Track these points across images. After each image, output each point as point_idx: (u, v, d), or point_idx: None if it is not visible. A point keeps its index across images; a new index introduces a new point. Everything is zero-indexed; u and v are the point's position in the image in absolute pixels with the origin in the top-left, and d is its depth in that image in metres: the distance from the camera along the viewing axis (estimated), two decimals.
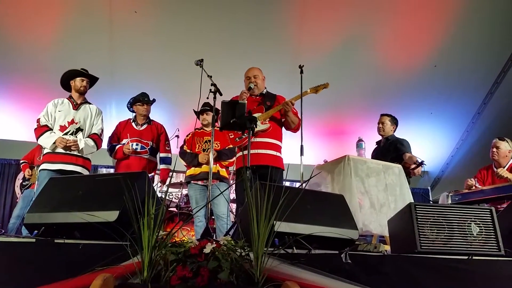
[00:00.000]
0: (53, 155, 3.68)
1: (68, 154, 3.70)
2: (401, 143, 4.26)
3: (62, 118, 3.77)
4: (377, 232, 3.23)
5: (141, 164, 4.04)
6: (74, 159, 3.71)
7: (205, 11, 5.47)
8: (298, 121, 3.52)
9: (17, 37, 5.51)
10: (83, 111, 3.87)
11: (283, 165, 3.50)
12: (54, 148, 3.68)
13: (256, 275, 1.54)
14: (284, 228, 1.86)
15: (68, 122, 3.77)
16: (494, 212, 2.20)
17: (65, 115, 3.79)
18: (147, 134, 4.18)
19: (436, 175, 7.85)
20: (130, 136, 4.11)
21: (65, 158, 3.68)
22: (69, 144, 3.66)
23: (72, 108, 3.83)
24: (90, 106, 3.94)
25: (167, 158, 4.30)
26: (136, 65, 5.95)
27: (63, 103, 3.84)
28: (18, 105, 6.25)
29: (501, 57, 5.99)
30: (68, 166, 3.67)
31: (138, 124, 4.22)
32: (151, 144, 4.16)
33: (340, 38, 5.87)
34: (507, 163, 4.07)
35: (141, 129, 4.19)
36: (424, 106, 6.68)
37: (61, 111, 3.79)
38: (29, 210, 2.14)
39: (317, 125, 6.66)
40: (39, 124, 3.75)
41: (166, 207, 4.34)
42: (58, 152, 3.68)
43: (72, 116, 3.80)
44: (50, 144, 3.66)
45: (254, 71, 3.62)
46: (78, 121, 3.81)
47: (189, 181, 4.13)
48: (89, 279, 1.46)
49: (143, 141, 4.12)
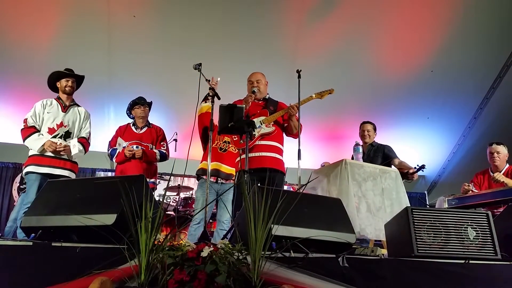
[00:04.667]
0: (41, 158, 3.61)
1: (57, 158, 3.65)
2: (388, 150, 4.34)
3: (51, 120, 3.72)
4: (373, 236, 3.24)
5: (142, 168, 4.02)
6: (63, 163, 3.67)
7: (203, 15, 5.49)
8: (300, 127, 3.55)
9: (15, 40, 5.51)
10: (72, 114, 3.83)
11: (285, 169, 3.52)
12: (41, 151, 3.61)
13: (254, 278, 1.54)
14: (282, 232, 1.86)
15: (57, 124, 3.72)
16: (491, 216, 2.20)
17: (54, 117, 3.73)
18: (147, 137, 4.17)
19: (433, 179, 7.87)
20: (130, 139, 4.10)
21: (53, 162, 3.63)
22: (59, 149, 3.61)
23: (61, 110, 3.79)
24: (78, 109, 3.90)
25: (162, 152, 4.22)
26: (134, 69, 5.96)
27: (52, 105, 3.79)
28: (15, 108, 6.23)
29: (498, 62, 6.03)
30: (56, 170, 3.62)
31: (138, 127, 4.21)
32: (151, 147, 4.14)
33: (338, 43, 5.90)
34: (504, 167, 4.11)
35: (141, 132, 4.18)
36: (421, 110, 6.71)
37: (50, 112, 3.74)
38: (26, 213, 2.13)
39: (314, 130, 6.67)
40: (26, 124, 3.67)
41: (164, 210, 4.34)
42: (46, 155, 3.62)
43: (61, 118, 3.75)
44: (38, 147, 3.59)
45: (257, 75, 3.66)
46: (67, 124, 3.77)
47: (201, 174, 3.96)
48: (87, 283, 1.46)
49: (143, 144, 4.10)
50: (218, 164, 3.88)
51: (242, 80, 3.87)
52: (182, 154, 5.45)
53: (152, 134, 4.22)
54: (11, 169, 6.69)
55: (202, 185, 3.91)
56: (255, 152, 3.41)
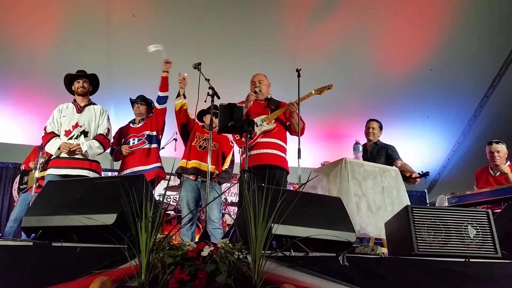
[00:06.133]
0: (59, 161, 3.65)
1: (73, 159, 3.65)
2: (392, 150, 4.33)
3: (67, 123, 3.75)
4: (373, 234, 3.24)
5: (143, 154, 4.01)
6: (80, 163, 3.66)
7: (203, 15, 5.49)
8: (303, 125, 3.57)
9: (15, 41, 5.51)
10: (87, 113, 3.84)
11: (288, 167, 3.53)
12: (59, 154, 3.65)
13: (254, 278, 1.54)
14: (282, 231, 1.86)
15: (72, 126, 3.75)
16: (491, 215, 2.21)
17: (69, 119, 3.76)
18: (144, 128, 4.15)
19: (433, 177, 7.87)
20: (127, 134, 4.13)
21: (69, 163, 3.64)
22: (72, 149, 3.62)
23: (76, 111, 3.81)
24: (94, 107, 3.90)
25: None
26: (134, 68, 5.95)
27: (68, 108, 3.83)
28: (15, 108, 6.24)
29: (497, 60, 6.03)
30: (73, 171, 3.61)
31: (135, 123, 4.23)
32: (148, 133, 4.10)
33: (337, 41, 5.90)
34: (504, 165, 4.13)
35: (138, 126, 4.18)
36: (421, 109, 6.71)
37: (66, 116, 3.77)
38: (26, 213, 2.13)
39: (314, 128, 6.66)
40: (46, 131, 3.74)
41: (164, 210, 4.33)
42: (63, 157, 3.65)
43: (76, 119, 3.77)
44: (55, 150, 3.64)
45: (259, 76, 3.73)
46: (82, 124, 3.77)
47: (181, 173, 3.97)
48: (87, 282, 1.46)
49: (138, 135, 4.10)
50: (198, 162, 3.89)
51: (242, 79, 3.88)
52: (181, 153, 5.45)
53: (147, 123, 4.17)
54: (11, 169, 6.69)
55: (184, 184, 3.94)
56: (255, 150, 3.43)
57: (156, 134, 4.14)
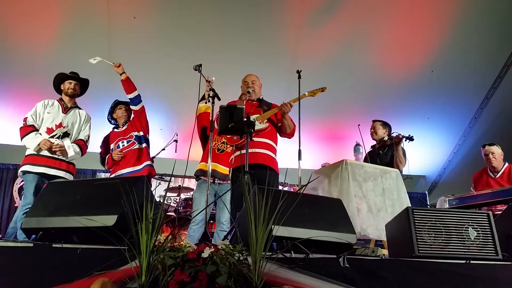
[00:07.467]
0: (37, 157, 3.61)
1: (52, 158, 3.64)
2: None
3: (50, 120, 3.73)
4: (374, 236, 3.24)
5: (135, 156, 4.00)
6: (58, 163, 3.66)
7: (203, 16, 5.49)
8: (294, 127, 3.55)
9: (15, 42, 5.52)
10: (72, 116, 3.85)
11: (278, 169, 3.50)
12: (38, 150, 3.62)
13: (254, 279, 1.54)
14: (282, 232, 1.86)
15: (55, 125, 3.73)
16: (492, 216, 2.20)
17: (54, 117, 3.75)
18: (129, 130, 4.13)
19: (434, 179, 7.87)
20: (114, 139, 4.10)
21: (49, 162, 3.63)
22: (54, 148, 3.61)
23: (61, 111, 3.80)
24: (79, 111, 3.92)
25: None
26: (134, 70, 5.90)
27: (53, 105, 3.81)
28: (16, 109, 6.23)
29: (498, 62, 6.04)
30: (51, 170, 3.62)
31: (119, 127, 4.21)
32: (136, 134, 4.09)
33: (338, 43, 5.90)
34: (503, 166, 4.13)
35: (123, 129, 4.16)
36: (421, 110, 6.71)
37: (50, 113, 3.75)
38: (27, 214, 2.13)
39: (314, 130, 6.68)
40: (26, 123, 3.68)
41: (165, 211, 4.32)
42: (42, 154, 3.62)
43: (61, 119, 3.77)
44: (34, 146, 3.60)
45: (252, 77, 3.70)
46: (66, 125, 3.77)
47: (199, 175, 3.95)
48: (87, 284, 1.46)
49: (125, 138, 4.09)
50: (215, 165, 3.88)
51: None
52: (182, 155, 5.46)
53: (132, 125, 4.16)
54: (11, 170, 6.69)
55: (200, 186, 3.94)
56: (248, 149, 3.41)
57: (143, 133, 4.14)
